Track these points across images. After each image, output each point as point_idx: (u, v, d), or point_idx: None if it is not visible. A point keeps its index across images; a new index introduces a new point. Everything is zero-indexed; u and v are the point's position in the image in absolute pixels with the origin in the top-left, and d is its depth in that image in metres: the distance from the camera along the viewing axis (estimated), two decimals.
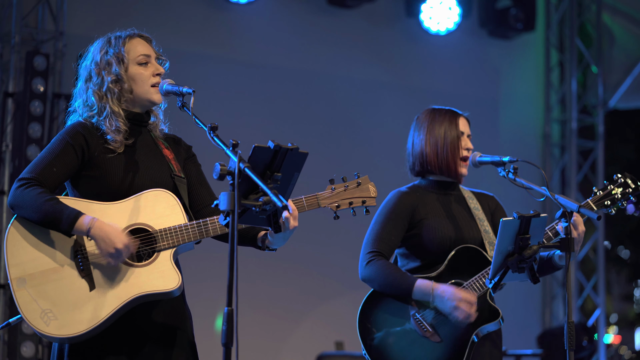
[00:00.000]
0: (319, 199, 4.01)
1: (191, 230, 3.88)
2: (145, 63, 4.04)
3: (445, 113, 4.93)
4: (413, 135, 4.96)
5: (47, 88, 8.24)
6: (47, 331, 3.75)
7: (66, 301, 3.76)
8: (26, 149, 8.07)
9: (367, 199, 4.07)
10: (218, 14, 9.58)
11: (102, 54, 4.04)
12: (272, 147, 3.51)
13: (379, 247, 4.78)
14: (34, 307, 3.74)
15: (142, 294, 3.79)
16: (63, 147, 3.90)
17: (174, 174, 4.05)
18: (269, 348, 9.46)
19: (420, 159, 4.90)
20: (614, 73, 11.58)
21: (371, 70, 10.32)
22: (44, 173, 3.85)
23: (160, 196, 3.92)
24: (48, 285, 3.77)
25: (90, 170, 3.93)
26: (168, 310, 3.97)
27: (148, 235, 3.86)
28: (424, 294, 4.64)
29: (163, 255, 3.84)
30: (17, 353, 7.82)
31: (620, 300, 24.40)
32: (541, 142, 11.54)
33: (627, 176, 4.74)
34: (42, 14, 8.55)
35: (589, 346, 10.05)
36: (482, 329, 4.69)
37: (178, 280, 3.82)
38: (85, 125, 3.97)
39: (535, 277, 4.26)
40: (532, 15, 10.98)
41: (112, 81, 3.99)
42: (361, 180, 4.09)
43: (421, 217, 4.84)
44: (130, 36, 4.07)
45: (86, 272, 3.79)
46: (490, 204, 5.04)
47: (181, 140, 4.24)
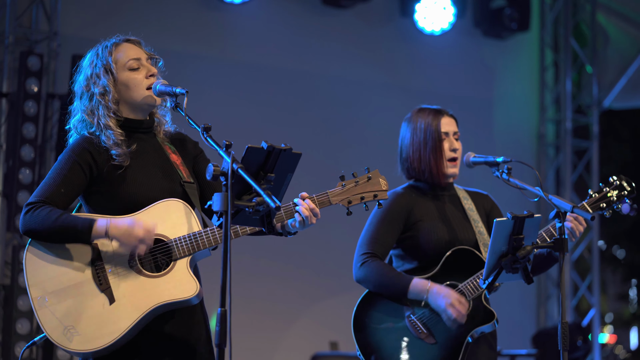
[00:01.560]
0: (329, 196, 3.98)
1: (205, 237, 3.87)
2: (137, 68, 4.00)
3: (428, 114, 4.89)
4: (401, 138, 4.95)
5: (41, 88, 8.24)
6: (71, 347, 3.78)
7: (87, 316, 3.78)
8: (20, 149, 8.06)
9: (379, 192, 4.04)
10: (212, 13, 9.57)
11: (92, 67, 4.00)
12: (266, 147, 3.51)
13: (373, 249, 4.78)
14: (56, 325, 3.78)
15: (161, 304, 3.80)
16: (70, 166, 3.89)
17: (184, 181, 4.03)
18: (263, 348, 9.46)
19: (406, 163, 4.91)
20: (608, 73, 11.58)
21: (365, 70, 10.31)
22: (52, 196, 3.85)
23: (172, 206, 3.92)
24: (68, 301, 3.80)
25: (100, 186, 3.93)
26: (187, 318, 3.96)
27: (164, 245, 3.87)
28: (419, 292, 4.65)
29: (180, 264, 3.85)
30: (11, 353, 7.82)
31: (615, 299, 24.42)
32: (536, 142, 11.54)
33: (623, 179, 4.73)
34: (36, 14, 8.54)
35: (584, 346, 10.07)
36: (477, 330, 4.69)
37: (196, 288, 3.83)
38: (90, 141, 3.95)
39: (529, 277, 4.26)
40: (526, 15, 10.98)
41: (100, 94, 3.96)
42: (371, 174, 4.06)
43: (416, 219, 4.84)
44: (116, 44, 4.03)
45: (105, 286, 3.81)
46: (486, 204, 5.03)
47: (186, 138, 4.20)
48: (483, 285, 4.30)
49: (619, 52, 11.51)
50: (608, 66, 11.59)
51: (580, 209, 4.28)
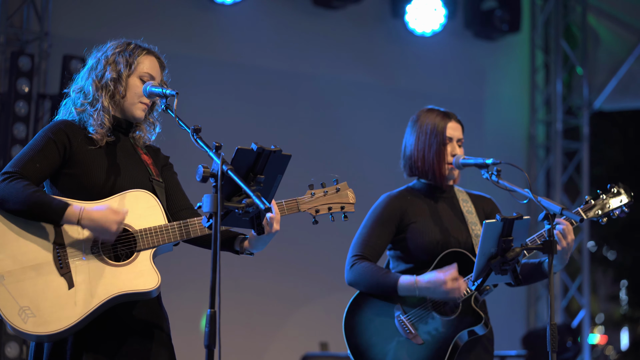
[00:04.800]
0: (298, 203, 4.06)
1: (171, 231, 3.90)
2: (146, 82, 4.06)
3: (436, 116, 4.92)
4: (407, 136, 4.98)
5: (32, 88, 8.23)
6: (24, 328, 3.73)
7: (45, 299, 3.75)
8: (11, 149, 8.05)
9: (346, 204, 4.11)
10: (203, 14, 9.57)
11: (116, 51, 4.08)
12: (255, 149, 3.52)
13: (363, 251, 4.80)
14: (12, 304, 3.73)
15: (120, 294, 3.80)
16: (45, 144, 3.93)
17: (153, 178, 4.08)
18: (253, 349, 9.46)
19: (410, 162, 4.93)
20: (599, 74, 11.60)
21: (356, 71, 10.32)
22: (27, 168, 3.87)
23: (141, 197, 3.94)
24: (27, 282, 3.76)
25: (71, 169, 3.95)
26: (146, 311, 3.99)
27: (128, 235, 3.88)
28: (408, 289, 4.67)
29: (143, 256, 3.87)
30: (1, 353, 7.80)
31: (606, 300, 24.46)
32: (526, 143, 11.56)
33: (622, 186, 4.71)
34: (27, 14, 8.53)
35: (574, 347, 10.08)
36: (464, 333, 4.70)
37: (157, 280, 3.84)
38: (68, 123, 4.02)
39: (518, 279, 4.27)
40: (517, 17, 11.01)
41: (112, 79, 4.02)
42: (340, 186, 4.13)
43: (410, 221, 4.85)
44: (149, 52, 4.15)
45: (65, 270, 3.80)
46: (486, 207, 5.04)
47: (159, 150, 4.27)
48: (472, 286, 4.31)
49: (610, 54, 11.54)
50: (598, 68, 11.61)
51: (569, 212, 4.29)
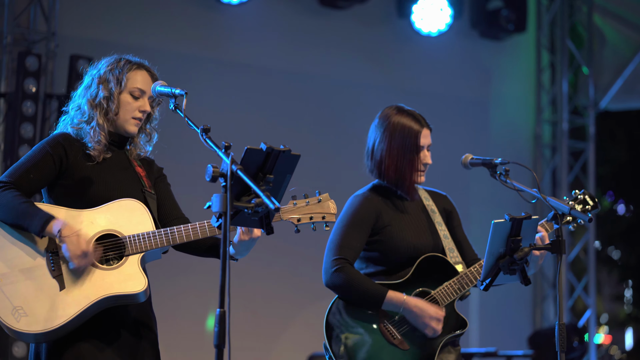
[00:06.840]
0: (281, 212, 4.14)
1: (158, 237, 4.04)
2: (137, 97, 4.18)
3: (409, 121, 4.87)
4: (375, 135, 4.92)
5: (39, 88, 8.24)
6: (17, 327, 3.89)
7: (37, 299, 3.91)
8: (18, 149, 8.07)
9: (327, 214, 4.20)
10: (210, 14, 9.57)
11: (108, 69, 4.19)
12: (265, 149, 3.53)
13: (344, 254, 4.77)
14: (6, 304, 3.90)
15: (109, 295, 3.94)
16: (42, 157, 4.08)
17: (145, 189, 4.21)
18: (260, 349, 9.45)
19: (379, 167, 4.88)
20: (605, 74, 11.59)
21: (362, 72, 10.31)
22: (21, 179, 4.03)
23: (130, 205, 4.09)
24: (20, 284, 3.93)
25: (66, 180, 4.10)
26: (138, 313, 4.14)
27: (117, 240, 4.02)
28: (395, 305, 4.67)
29: (131, 260, 4.01)
30: (9, 353, 7.82)
31: (610, 300, 24.41)
32: (532, 143, 11.55)
33: (586, 193, 4.76)
34: (34, 14, 8.54)
35: (580, 347, 10.07)
36: (449, 337, 4.72)
37: (144, 283, 3.98)
38: (67, 137, 4.16)
39: (526, 279, 4.27)
40: (523, 17, 11.00)
41: (104, 97, 4.15)
42: (322, 197, 4.21)
43: (384, 224, 4.82)
44: (138, 66, 4.22)
45: (57, 272, 3.95)
46: (446, 205, 5.05)
47: (154, 162, 4.41)
48: (481, 286, 4.30)
49: (616, 54, 11.53)
50: (604, 67, 11.60)
51: (577, 212, 4.30)
